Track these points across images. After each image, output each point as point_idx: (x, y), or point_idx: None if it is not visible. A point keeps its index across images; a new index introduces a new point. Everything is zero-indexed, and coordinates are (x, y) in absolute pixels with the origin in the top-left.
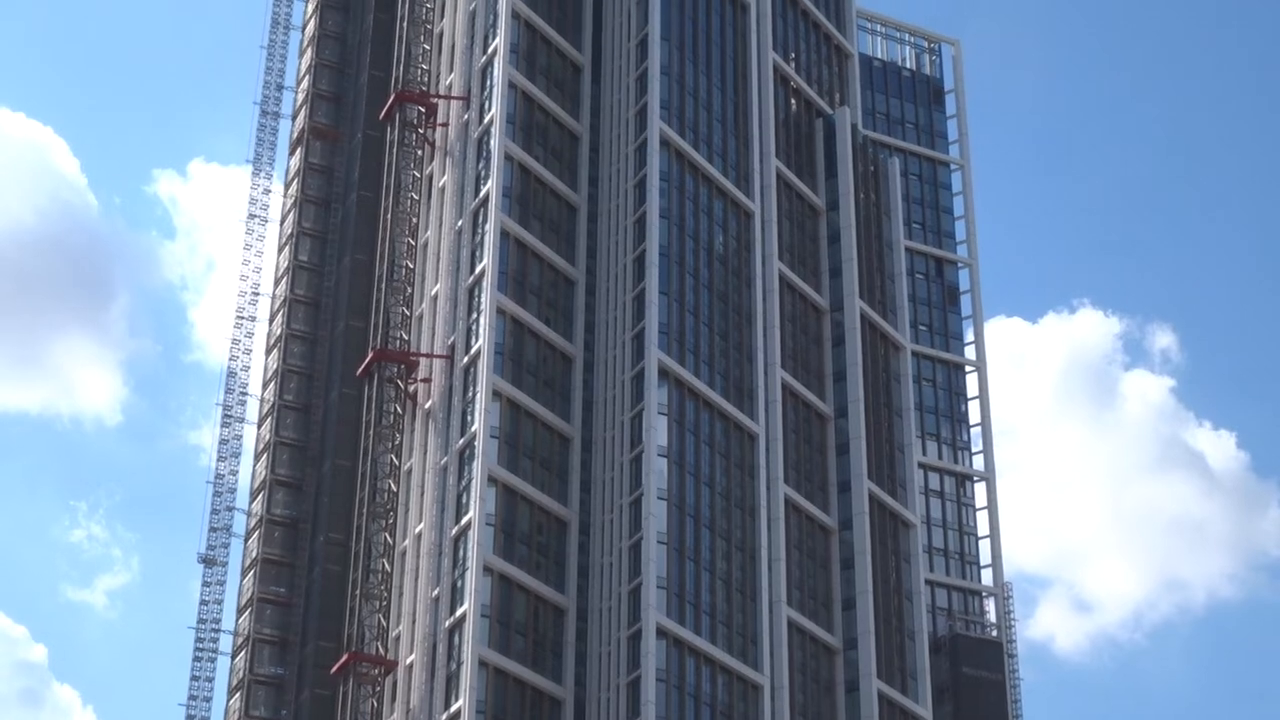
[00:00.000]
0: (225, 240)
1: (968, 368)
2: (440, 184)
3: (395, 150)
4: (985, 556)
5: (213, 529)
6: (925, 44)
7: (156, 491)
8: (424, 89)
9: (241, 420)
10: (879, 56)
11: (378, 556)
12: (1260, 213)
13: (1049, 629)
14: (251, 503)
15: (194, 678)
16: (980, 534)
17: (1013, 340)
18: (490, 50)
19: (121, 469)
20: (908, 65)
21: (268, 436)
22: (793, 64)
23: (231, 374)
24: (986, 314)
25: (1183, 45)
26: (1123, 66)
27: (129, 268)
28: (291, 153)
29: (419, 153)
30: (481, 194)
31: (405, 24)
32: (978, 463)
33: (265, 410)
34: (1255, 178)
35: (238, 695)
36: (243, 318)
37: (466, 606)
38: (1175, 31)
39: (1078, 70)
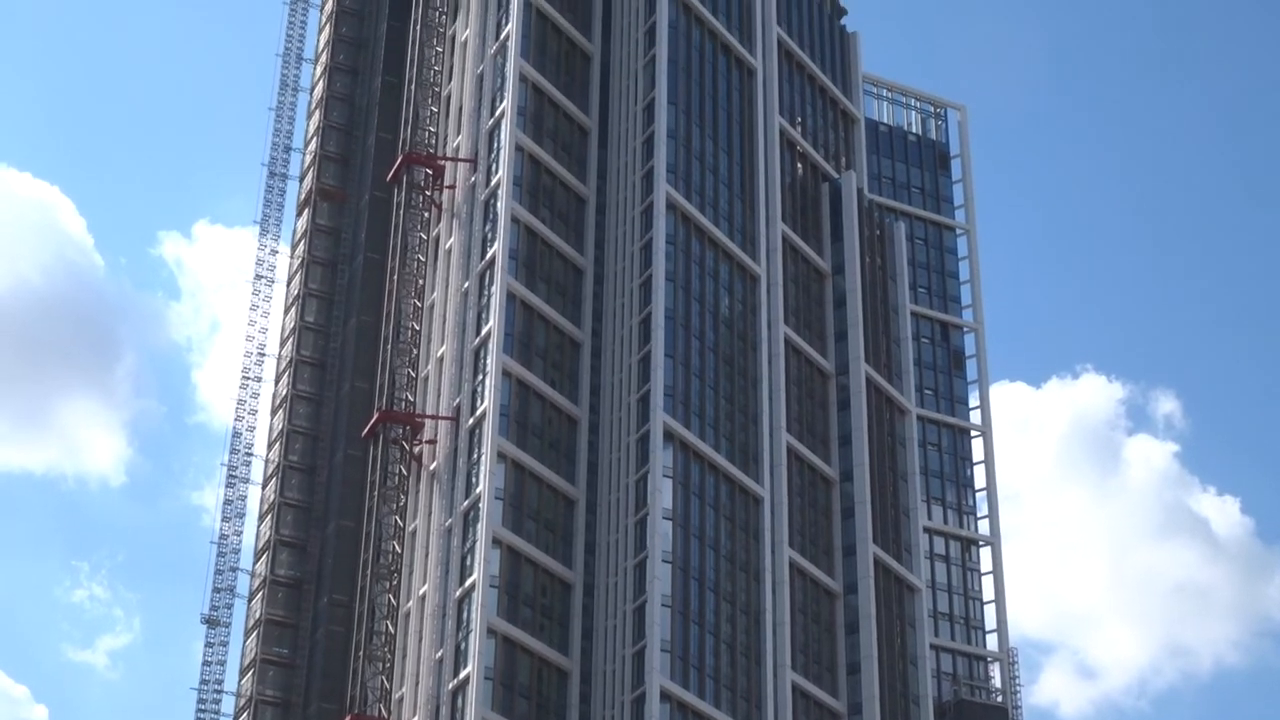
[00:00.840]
0: (230, 302)
1: (973, 432)
2: (447, 246)
3: (402, 212)
4: (990, 621)
5: (216, 589)
6: (931, 109)
7: (159, 552)
8: (431, 151)
9: (246, 481)
10: (885, 121)
11: (381, 618)
12: (1263, 279)
13: (1054, 695)
14: (255, 563)
15: None
16: (985, 599)
17: (1016, 405)
18: (497, 113)
19: (124, 529)
20: (914, 130)
21: (272, 497)
22: (799, 128)
23: (236, 434)
24: (991, 378)
25: (1189, 113)
26: (1128, 133)
27: (134, 328)
28: (298, 214)
29: (426, 215)
30: (488, 256)
31: (413, 87)
32: (983, 527)
33: (270, 471)
34: (1259, 244)
35: None
36: (248, 378)
37: (470, 669)
38: (1181, 100)
39: (1083, 135)
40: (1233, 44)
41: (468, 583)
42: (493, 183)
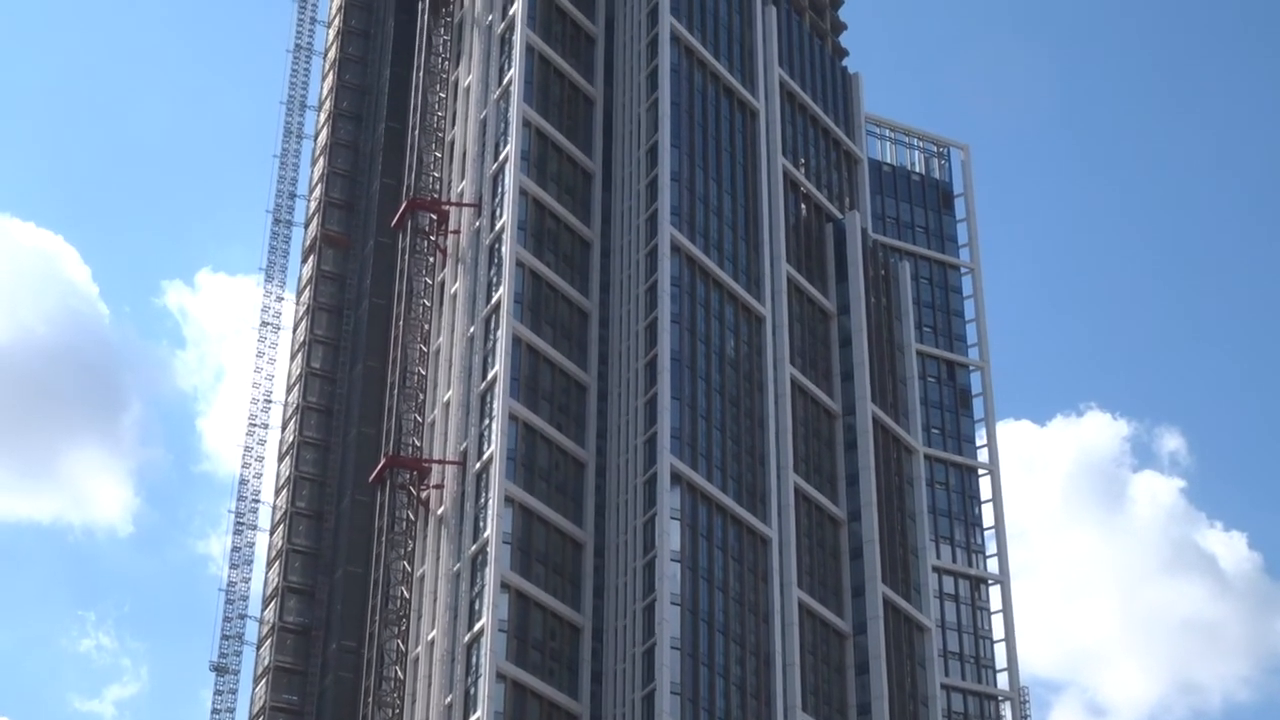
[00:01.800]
0: (234, 349)
1: (980, 470)
2: (452, 290)
3: (407, 257)
4: (1001, 660)
5: (225, 637)
6: (935, 148)
7: (166, 601)
8: (435, 196)
9: (254, 528)
10: (888, 161)
11: (390, 664)
12: (1267, 315)
13: None
14: (263, 610)
15: None
16: (995, 637)
17: (1022, 443)
18: (501, 157)
19: (131, 579)
20: (917, 170)
21: (280, 543)
22: (802, 169)
23: (243, 481)
24: (997, 416)
25: (1193, 151)
26: (1131, 169)
27: (140, 377)
28: (304, 260)
29: (431, 260)
30: (493, 300)
31: (417, 132)
32: (991, 566)
33: (277, 517)
34: (1263, 280)
35: None
36: (255, 425)
37: (480, 714)
38: (1185, 135)
39: (1087, 172)
40: (1238, 78)
41: (476, 627)
42: (497, 227)
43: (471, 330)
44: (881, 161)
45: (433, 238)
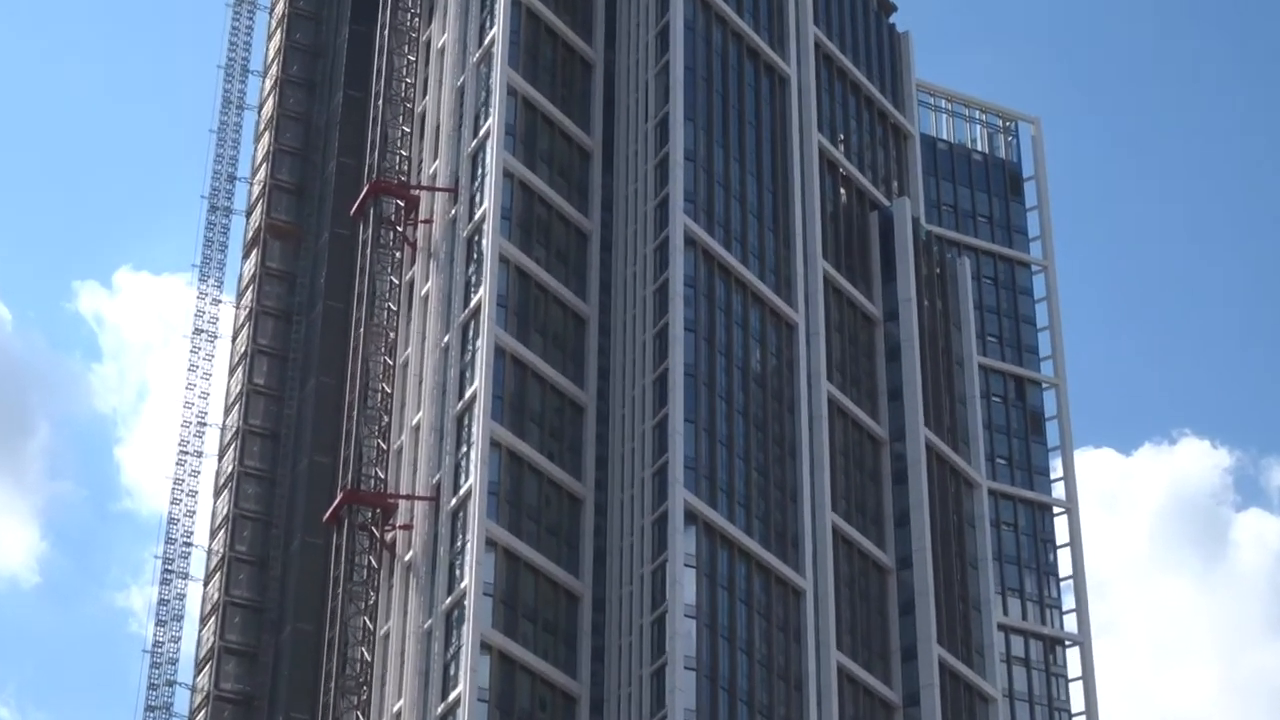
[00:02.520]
0: (160, 363)
1: (1056, 509)
2: (423, 292)
3: (369, 252)
4: None
5: (149, 708)
6: (1000, 123)
7: (77, 664)
8: (403, 179)
9: (184, 576)
10: (945, 138)
11: None
12: None
13: None
14: (196, 676)
15: None
16: (1073, 710)
17: (1103, 476)
18: (482, 133)
19: (35, 638)
20: (979, 148)
21: (216, 596)
22: (842, 147)
23: (172, 520)
24: (1074, 444)
25: None
26: (1232, 152)
27: (48, 396)
28: (245, 256)
29: (397, 255)
30: (472, 303)
31: (381, 103)
32: (1069, 624)
33: (213, 564)
34: None
35: None
36: (186, 452)
37: None
38: None
39: (1181, 154)
40: None
41: (451, 697)
42: (477, 216)
43: (446, 339)
44: (936, 138)
45: (400, 228)
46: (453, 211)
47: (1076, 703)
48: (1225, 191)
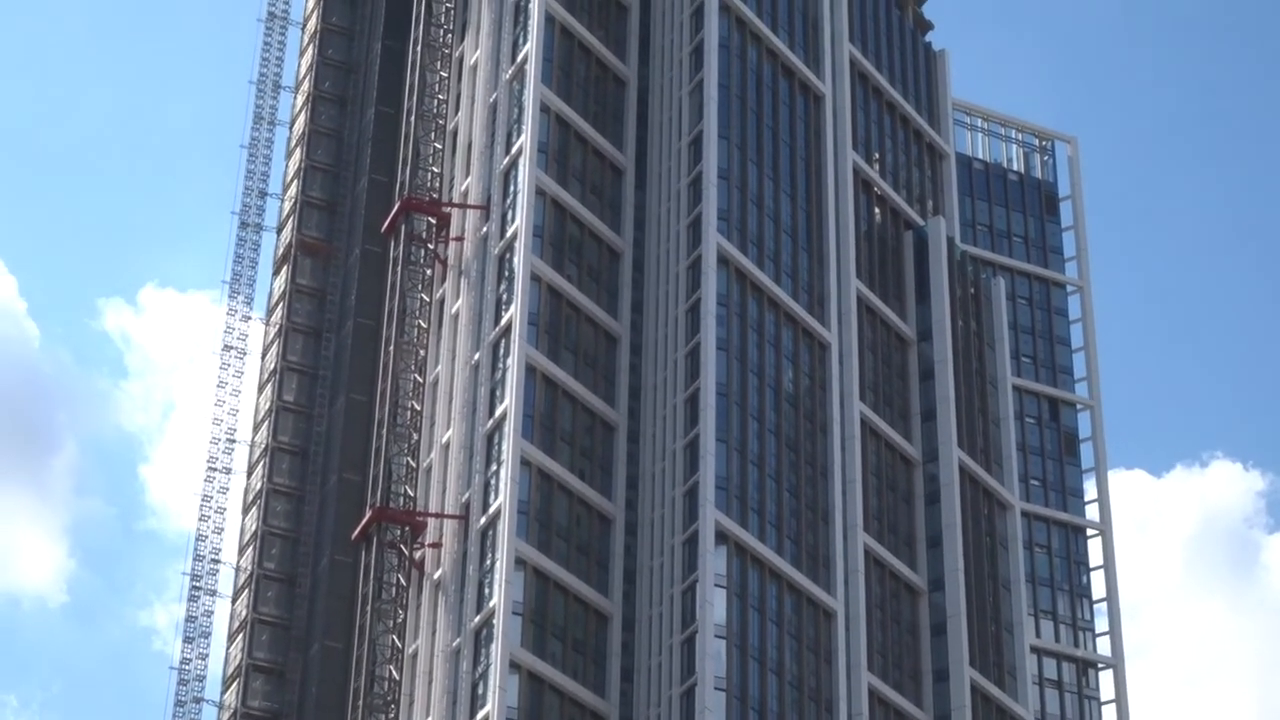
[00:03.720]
0: (187, 381)
1: (1089, 531)
2: (453, 310)
3: (400, 269)
4: None
5: None
6: (1036, 142)
7: (103, 682)
8: (435, 196)
9: (212, 594)
10: (980, 157)
11: None
12: None
13: None
14: (223, 694)
15: None
16: None
17: (1135, 497)
18: (514, 150)
19: (62, 656)
20: (1015, 167)
21: (244, 613)
22: (877, 166)
23: (200, 537)
24: (1108, 465)
25: None
26: (1271, 173)
27: (76, 414)
28: (275, 272)
29: (428, 272)
30: (503, 321)
31: (413, 119)
32: (1102, 647)
33: (241, 581)
34: None
35: None
36: (215, 469)
37: None
38: None
39: (1218, 175)
40: None
41: (480, 715)
42: (508, 233)
43: (476, 357)
44: (972, 157)
45: (431, 246)
46: (484, 229)
47: None
48: (1262, 214)
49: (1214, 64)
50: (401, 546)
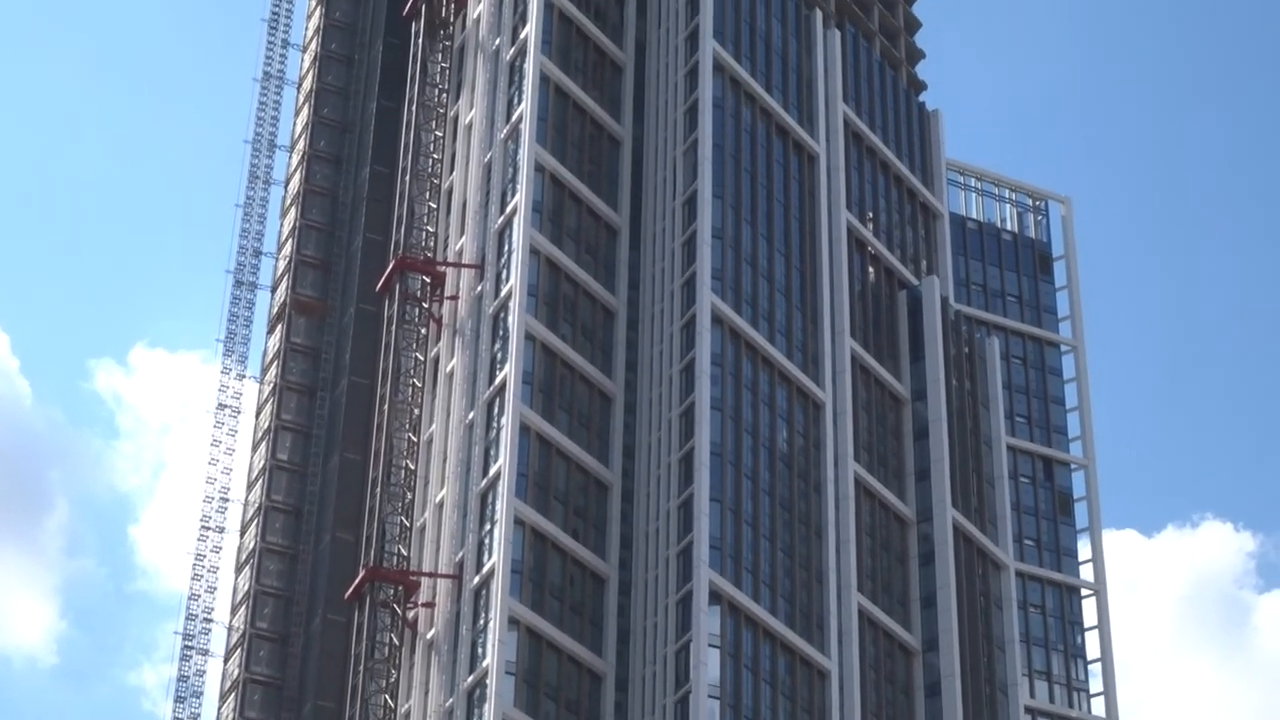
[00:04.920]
0: (176, 441)
1: (1084, 591)
2: (448, 368)
3: (394, 328)
4: None
5: None
6: (1030, 202)
7: None
8: (429, 255)
9: (205, 653)
10: (974, 216)
11: None
12: None
13: None
14: None
15: None
16: None
17: (1127, 557)
18: (509, 209)
19: (51, 716)
20: (1009, 227)
21: (236, 673)
22: (870, 226)
23: (193, 596)
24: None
25: None
26: (1264, 233)
27: (68, 473)
28: (270, 331)
29: (423, 331)
30: (497, 381)
31: (408, 178)
32: (1096, 708)
33: (233, 640)
34: None
35: None
36: (208, 528)
37: None
38: None
39: (1211, 235)
40: None
41: None
42: (503, 293)
43: (471, 416)
44: (966, 217)
45: (425, 305)
46: (479, 288)
47: None
48: (1253, 275)
49: (1208, 125)
50: (395, 606)
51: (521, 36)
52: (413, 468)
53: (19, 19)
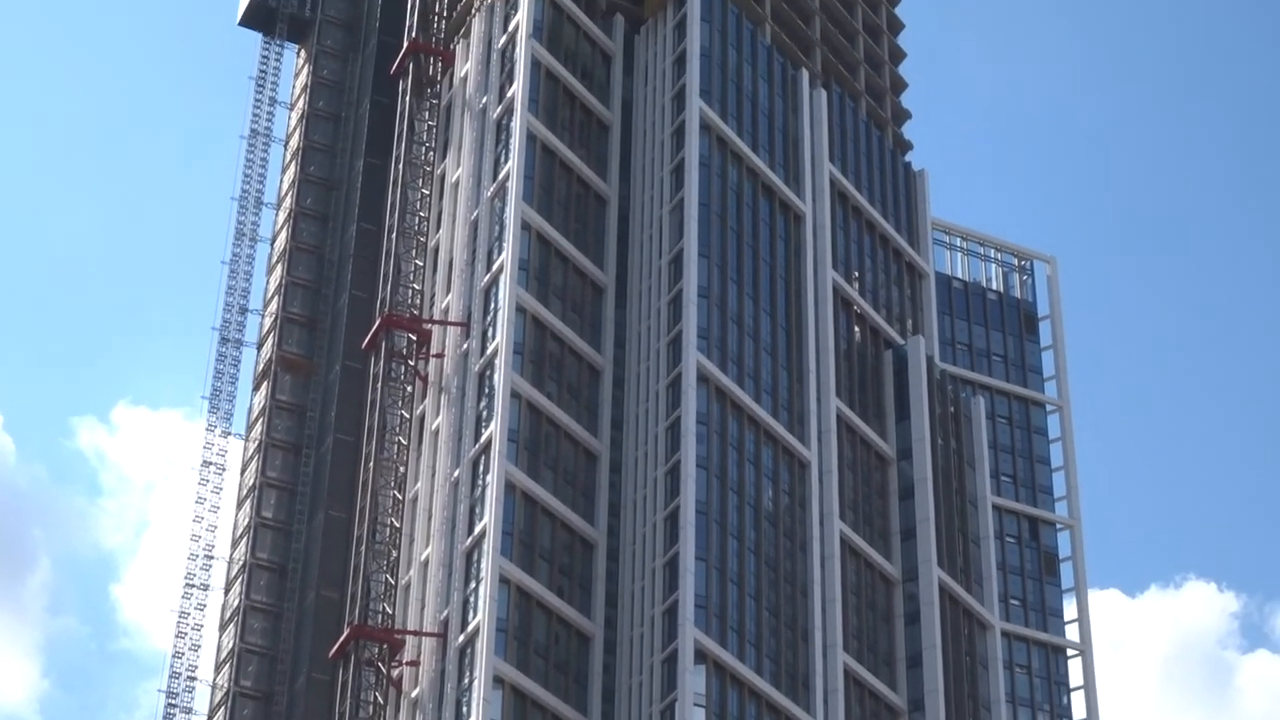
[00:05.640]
0: (159, 499)
1: (1070, 651)
2: (433, 426)
3: (380, 386)
4: None
5: None
6: (1015, 261)
7: None
8: (415, 313)
9: (188, 711)
10: (960, 276)
11: None
12: None
13: None
14: None
15: None
16: None
17: (1110, 617)
18: (495, 267)
19: None
20: (994, 287)
21: None
22: (856, 285)
23: (177, 654)
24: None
25: None
26: (1253, 294)
27: (51, 531)
28: (255, 388)
29: (408, 389)
30: (483, 439)
31: (394, 236)
32: None
33: (217, 699)
34: None
35: None
36: (192, 586)
37: None
38: None
39: (1197, 296)
40: None
41: None
42: (489, 350)
43: (456, 474)
44: (951, 276)
45: (411, 363)
46: (465, 345)
47: None
48: (1238, 335)
49: (1193, 184)
50: (379, 664)
51: (508, 95)
52: (398, 525)
53: (4, 77)
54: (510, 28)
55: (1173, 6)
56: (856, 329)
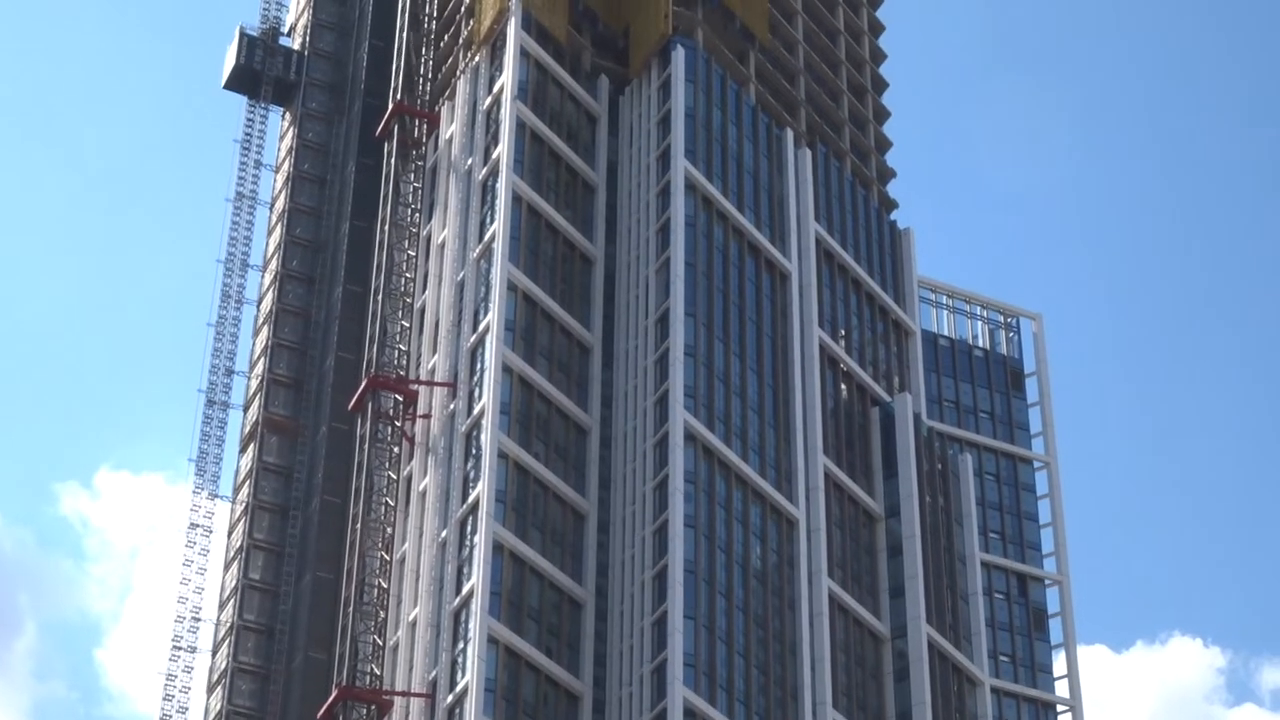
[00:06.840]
0: (143, 563)
1: (1060, 708)
2: (420, 487)
3: (367, 447)
4: None
5: None
6: (1001, 319)
7: None
8: (402, 374)
9: None
10: (945, 334)
11: None
12: None
13: None
14: None
15: None
16: None
17: (1097, 673)
18: (482, 328)
19: None
20: (980, 344)
21: None
22: (843, 343)
23: (164, 717)
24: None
25: None
26: (1239, 351)
27: (37, 597)
28: (242, 450)
29: (395, 449)
30: (470, 499)
31: (380, 297)
32: None
33: None
34: None
35: None
36: (180, 648)
37: None
38: None
39: (1184, 351)
40: None
41: None
42: (476, 411)
43: (444, 535)
44: (938, 334)
45: (398, 423)
46: (451, 406)
47: None
48: (1222, 393)
49: (1178, 240)
50: None
51: (494, 157)
52: (385, 586)
53: None
54: (495, 89)
55: (1155, 62)
56: (843, 387)
